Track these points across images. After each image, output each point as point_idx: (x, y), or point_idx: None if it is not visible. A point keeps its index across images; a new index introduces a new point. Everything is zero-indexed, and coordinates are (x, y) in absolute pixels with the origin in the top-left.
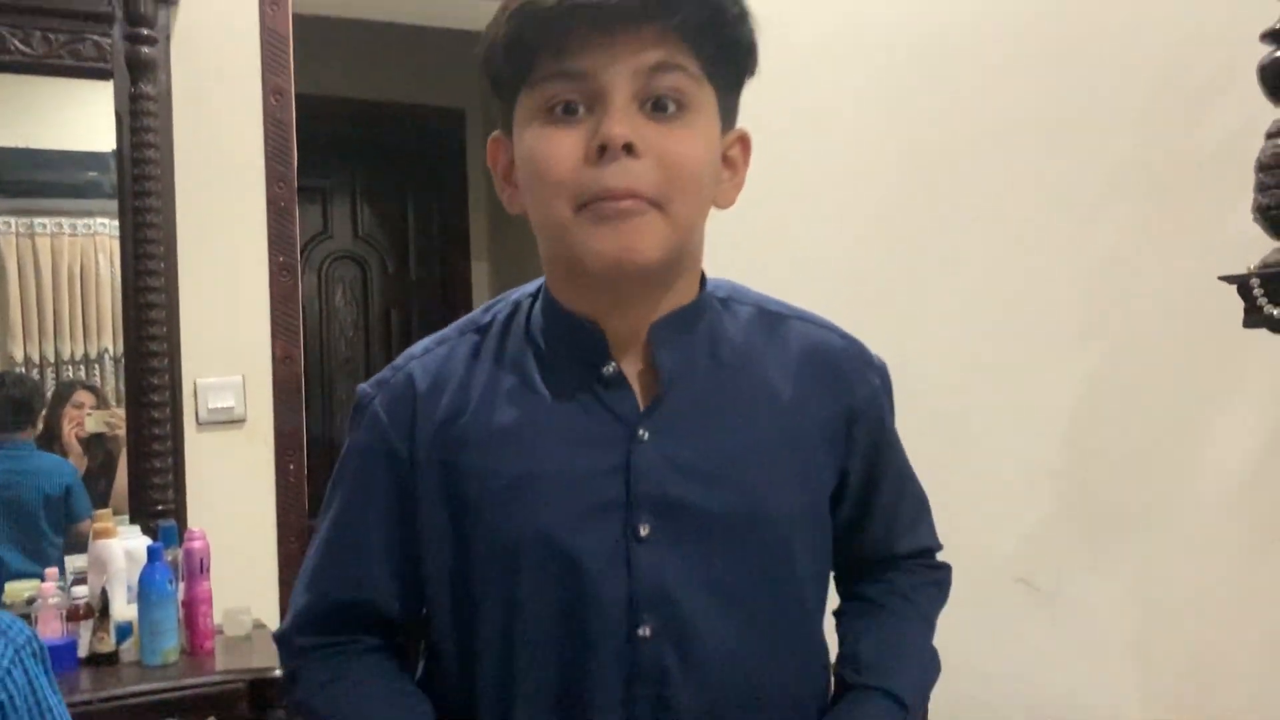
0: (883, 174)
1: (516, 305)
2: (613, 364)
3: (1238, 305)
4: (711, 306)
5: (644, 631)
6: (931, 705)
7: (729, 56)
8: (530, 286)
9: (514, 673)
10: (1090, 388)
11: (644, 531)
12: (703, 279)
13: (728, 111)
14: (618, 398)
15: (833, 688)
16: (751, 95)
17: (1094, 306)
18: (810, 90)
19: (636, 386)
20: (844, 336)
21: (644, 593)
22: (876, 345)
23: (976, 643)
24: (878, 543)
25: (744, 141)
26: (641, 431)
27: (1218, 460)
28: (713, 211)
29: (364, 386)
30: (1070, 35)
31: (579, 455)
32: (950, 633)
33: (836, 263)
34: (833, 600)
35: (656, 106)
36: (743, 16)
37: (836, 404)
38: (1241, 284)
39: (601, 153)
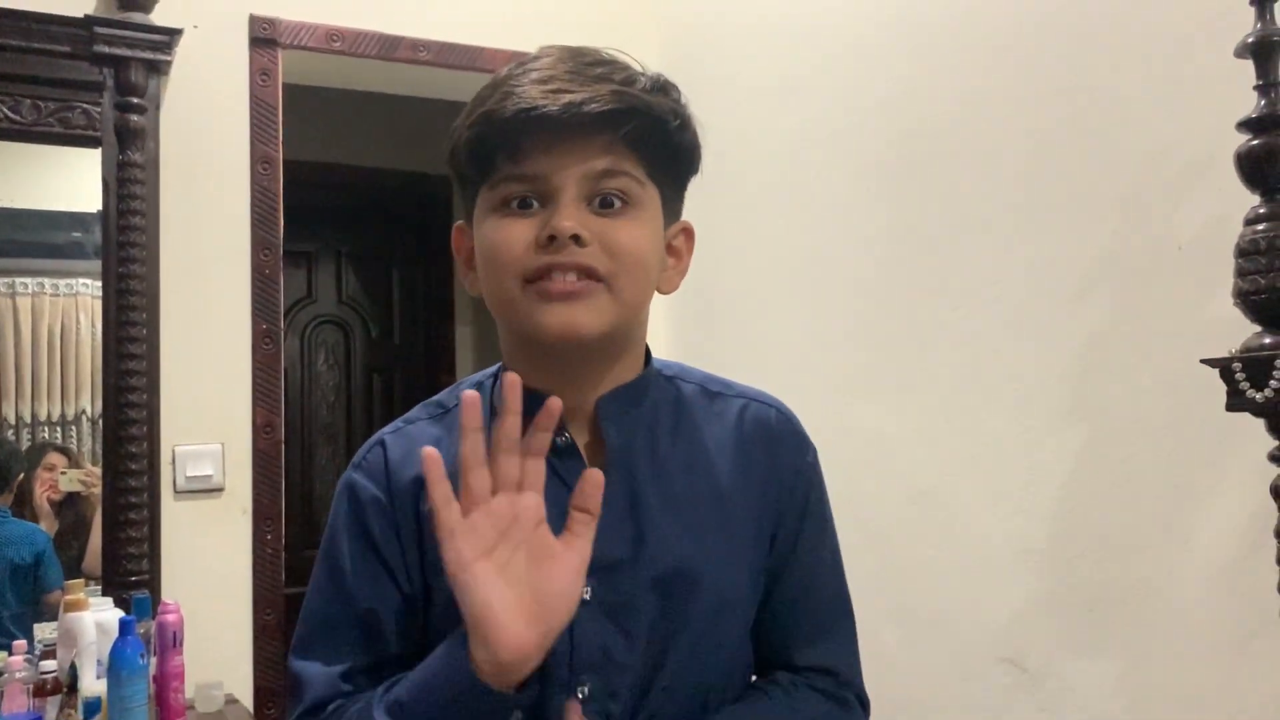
0: (866, 258)
1: (479, 385)
2: (566, 435)
3: (1220, 389)
4: (657, 384)
5: (583, 692)
6: None
7: (672, 161)
8: (492, 369)
9: None
10: (1075, 469)
11: (586, 594)
12: (648, 357)
13: (671, 206)
14: (569, 467)
15: None
16: (738, 181)
17: (1078, 389)
18: (794, 175)
19: (585, 457)
20: (782, 412)
21: (582, 654)
22: (862, 426)
23: None
24: (776, 646)
25: (687, 232)
26: None
27: (1204, 544)
28: (703, 299)
29: (343, 476)
30: (1052, 121)
31: None
32: (934, 709)
33: (822, 344)
34: None
35: (603, 204)
36: (684, 125)
37: (766, 475)
38: (1224, 368)
39: (550, 241)
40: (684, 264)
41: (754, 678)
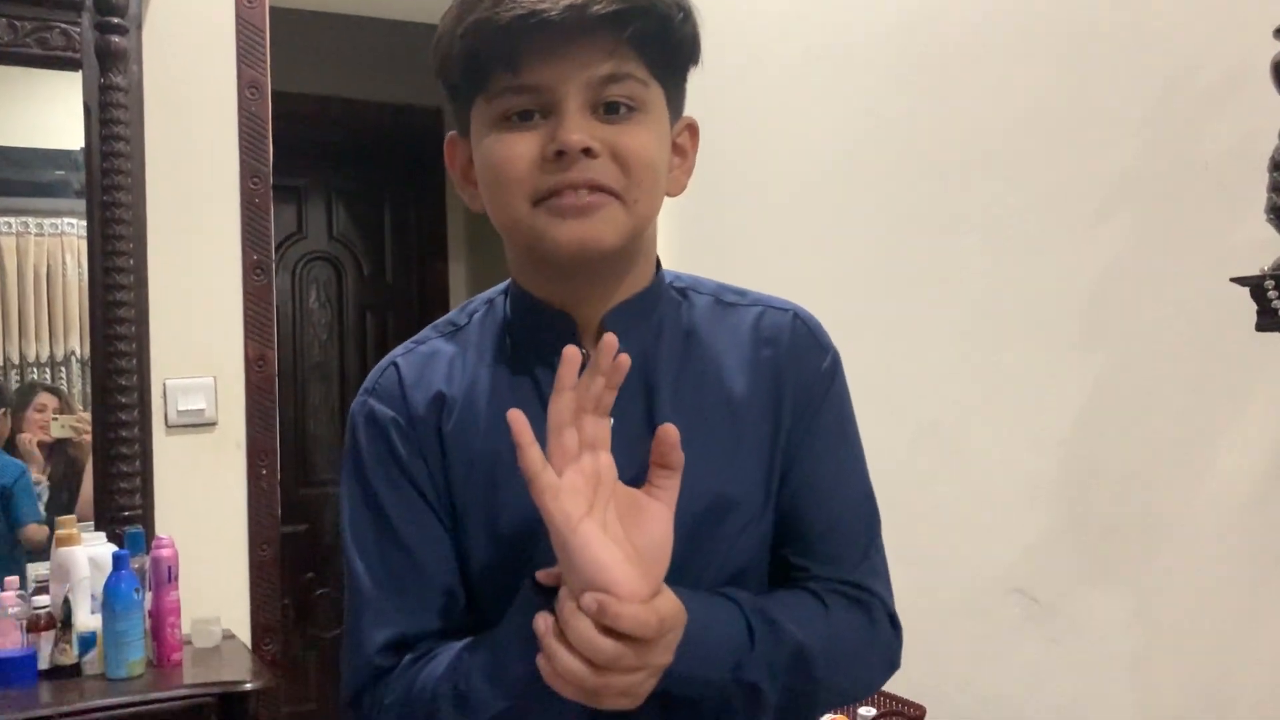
0: (880, 182)
1: (491, 303)
2: (583, 350)
3: (1248, 309)
4: (668, 295)
5: None
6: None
7: (675, 56)
8: (501, 286)
9: None
10: (1093, 397)
11: None
12: (658, 267)
13: (675, 103)
14: None
15: None
16: (748, 107)
17: (1097, 314)
18: (804, 102)
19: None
20: (799, 316)
21: None
22: (873, 357)
23: (972, 657)
24: (795, 556)
25: (692, 129)
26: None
27: (1226, 470)
28: (711, 228)
29: (355, 403)
30: (1073, 37)
31: None
32: (946, 646)
33: (832, 273)
34: None
35: (609, 110)
36: (687, 17)
37: (779, 382)
38: (1255, 286)
39: (558, 156)
40: (690, 162)
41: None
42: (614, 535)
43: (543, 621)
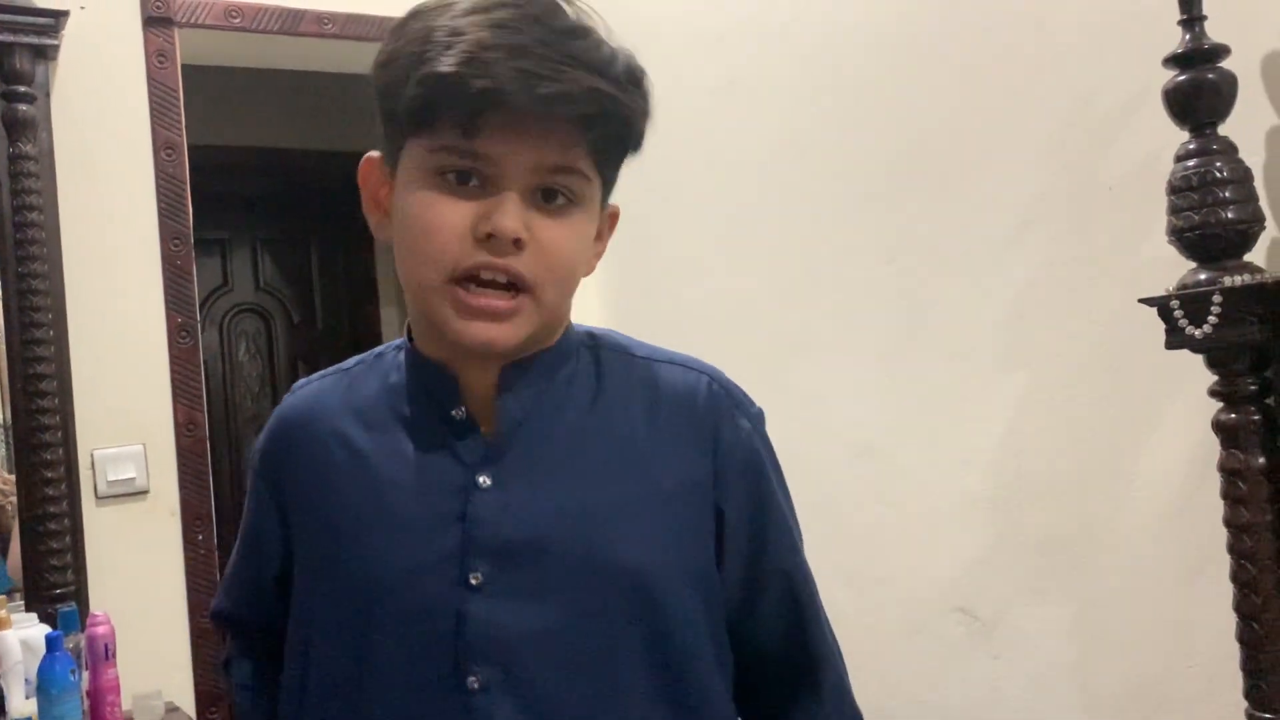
0: (797, 212)
1: (382, 354)
2: (462, 409)
3: (1159, 328)
4: (577, 354)
5: (473, 683)
6: None
7: (623, 153)
8: (396, 342)
9: (352, 709)
10: (1016, 416)
11: (475, 580)
12: (568, 327)
13: (608, 192)
14: (465, 444)
15: None
16: (661, 141)
17: (1014, 336)
18: (717, 136)
19: (489, 430)
20: (716, 379)
21: (473, 643)
22: (798, 384)
23: (916, 674)
24: (773, 702)
25: (613, 216)
26: (482, 478)
27: (1147, 482)
28: (635, 266)
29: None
30: (979, 63)
31: (420, 500)
32: (889, 664)
33: (754, 301)
34: None
35: (547, 197)
36: (647, 117)
37: (699, 448)
38: (1161, 306)
39: (488, 238)
40: (603, 246)
41: None
42: None
43: None
